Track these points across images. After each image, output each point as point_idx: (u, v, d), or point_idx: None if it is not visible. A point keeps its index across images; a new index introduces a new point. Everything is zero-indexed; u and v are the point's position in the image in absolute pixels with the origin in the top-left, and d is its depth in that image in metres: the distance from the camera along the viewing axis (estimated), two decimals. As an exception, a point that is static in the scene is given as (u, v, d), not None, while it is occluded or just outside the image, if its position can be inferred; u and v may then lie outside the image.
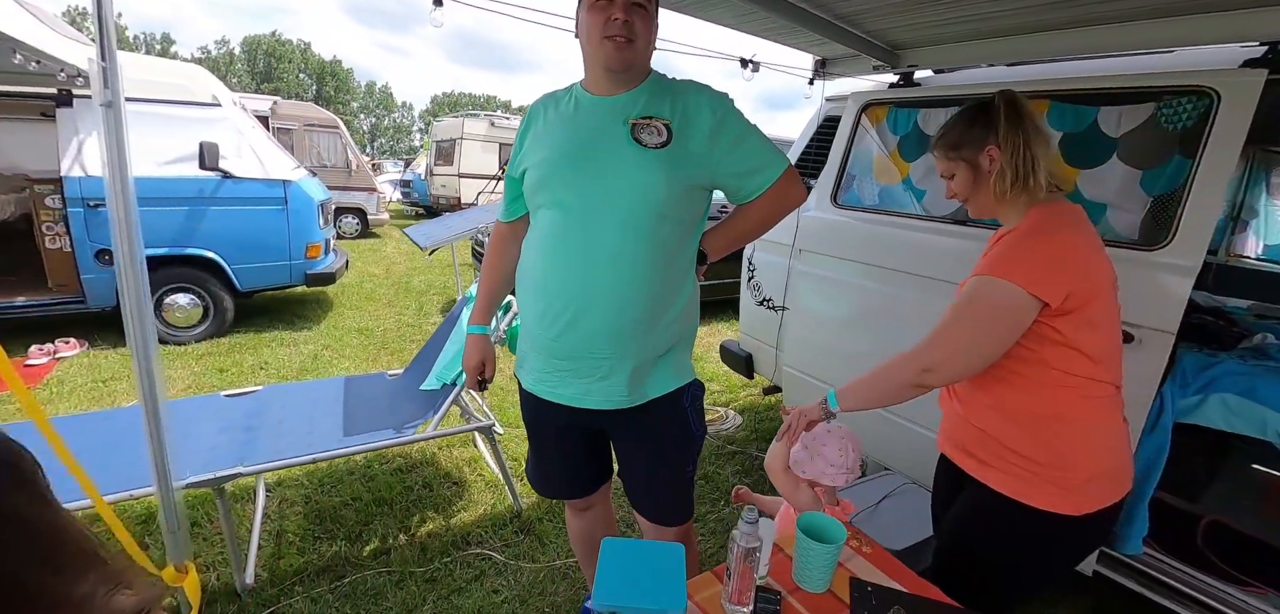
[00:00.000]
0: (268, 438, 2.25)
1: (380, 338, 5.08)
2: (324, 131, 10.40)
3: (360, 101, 60.91)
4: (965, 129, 1.25)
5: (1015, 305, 1.12)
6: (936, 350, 1.20)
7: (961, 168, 1.26)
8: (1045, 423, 1.17)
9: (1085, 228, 1.18)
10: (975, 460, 1.27)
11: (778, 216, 1.42)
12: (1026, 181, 1.17)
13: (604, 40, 1.24)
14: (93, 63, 1.56)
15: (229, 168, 4.64)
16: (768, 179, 1.34)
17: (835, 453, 1.30)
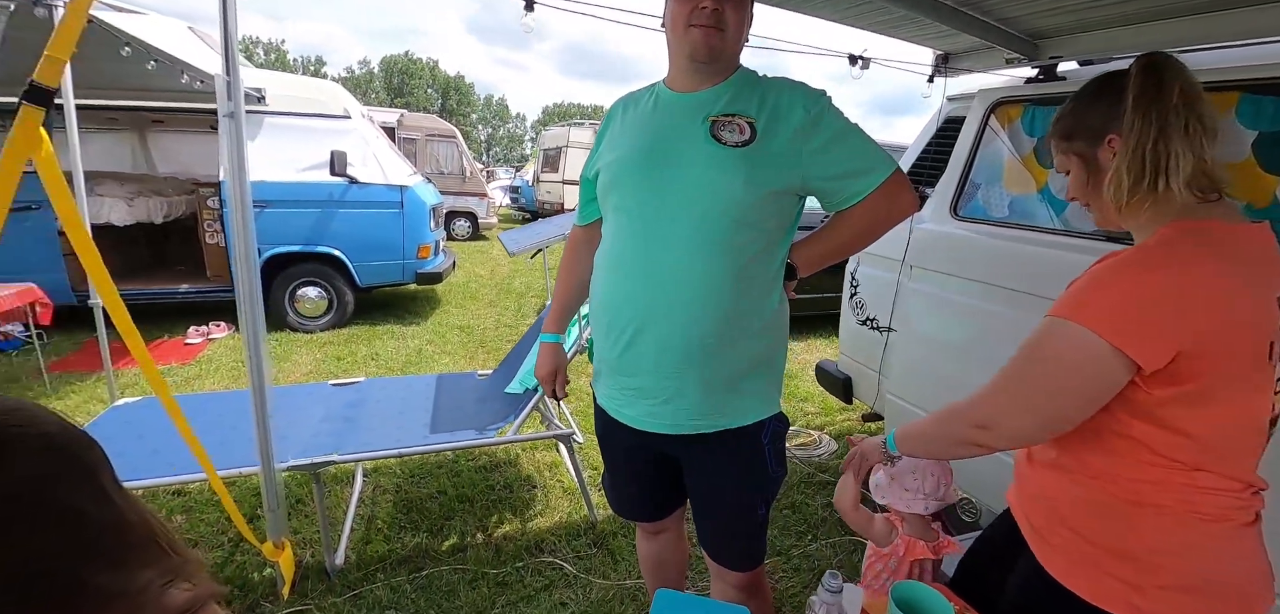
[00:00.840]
0: (363, 429, 2.36)
1: (479, 336, 5.30)
2: (443, 141, 11.17)
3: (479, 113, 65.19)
4: (1082, 111, 0.95)
5: (1093, 363, 0.81)
6: (992, 405, 0.94)
7: (1075, 164, 0.96)
8: (1123, 509, 0.88)
9: (1240, 260, 0.82)
10: (1032, 528, 1.00)
11: (881, 227, 1.23)
12: (1154, 185, 0.83)
13: (690, 29, 1.13)
14: (219, 78, 1.69)
15: (355, 174, 5.06)
16: (869, 184, 1.16)
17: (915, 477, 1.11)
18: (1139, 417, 0.84)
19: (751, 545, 1.35)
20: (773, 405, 1.28)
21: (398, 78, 56.67)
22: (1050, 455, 0.97)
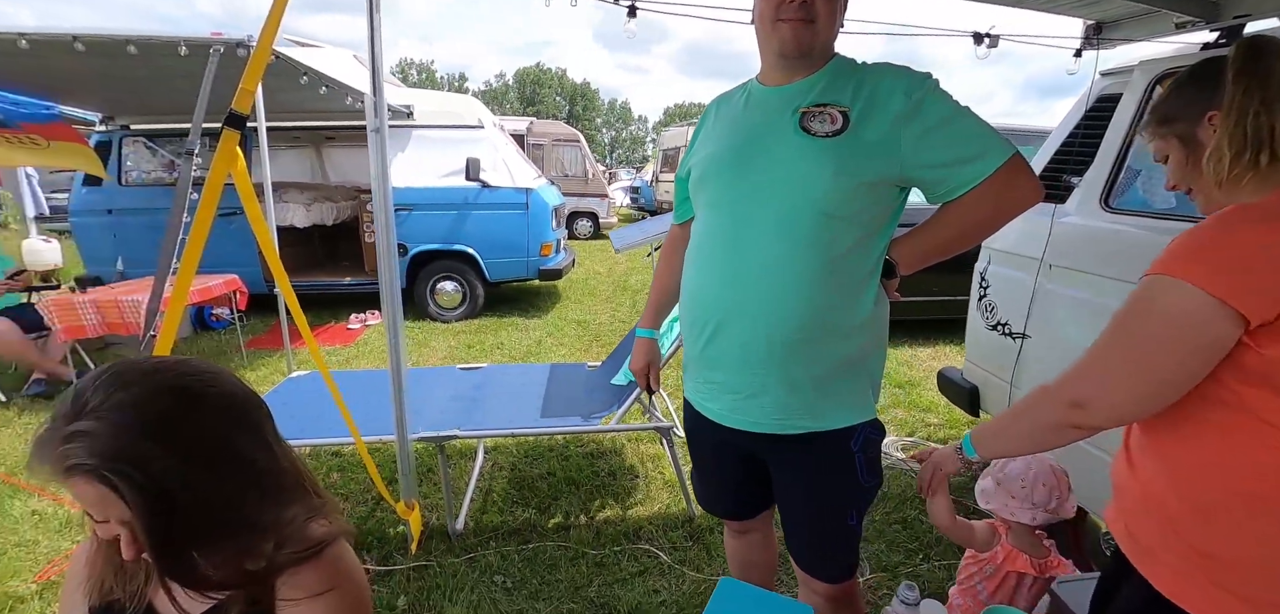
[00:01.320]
0: (484, 409, 2.59)
1: (595, 330, 5.53)
2: (567, 145, 11.76)
3: (603, 117, 67.54)
4: (1181, 94, 0.91)
5: (1193, 317, 0.75)
6: (1088, 380, 0.86)
7: (1174, 146, 0.91)
8: (1236, 503, 0.77)
9: None
10: (1137, 544, 0.87)
11: (995, 220, 1.13)
12: (1255, 159, 0.78)
13: (779, 23, 1.11)
14: (367, 98, 1.95)
15: (487, 178, 5.53)
16: (980, 171, 1.06)
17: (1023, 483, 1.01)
18: (1251, 382, 0.76)
19: (841, 555, 1.29)
20: (866, 411, 1.22)
21: (529, 88, 60.35)
22: (1152, 453, 0.87)
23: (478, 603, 2.03)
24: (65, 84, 4.45)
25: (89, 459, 0.62)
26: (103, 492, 0.63)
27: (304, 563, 0.78)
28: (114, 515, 0.65)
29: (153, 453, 0.65)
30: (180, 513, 0.66)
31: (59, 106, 4.50)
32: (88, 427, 0.63)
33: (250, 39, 3.15)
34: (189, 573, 0.71)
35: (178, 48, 3.29)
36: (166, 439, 0.66)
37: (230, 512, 0.73)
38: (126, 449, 0.63)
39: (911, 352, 4.79)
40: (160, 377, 0.70)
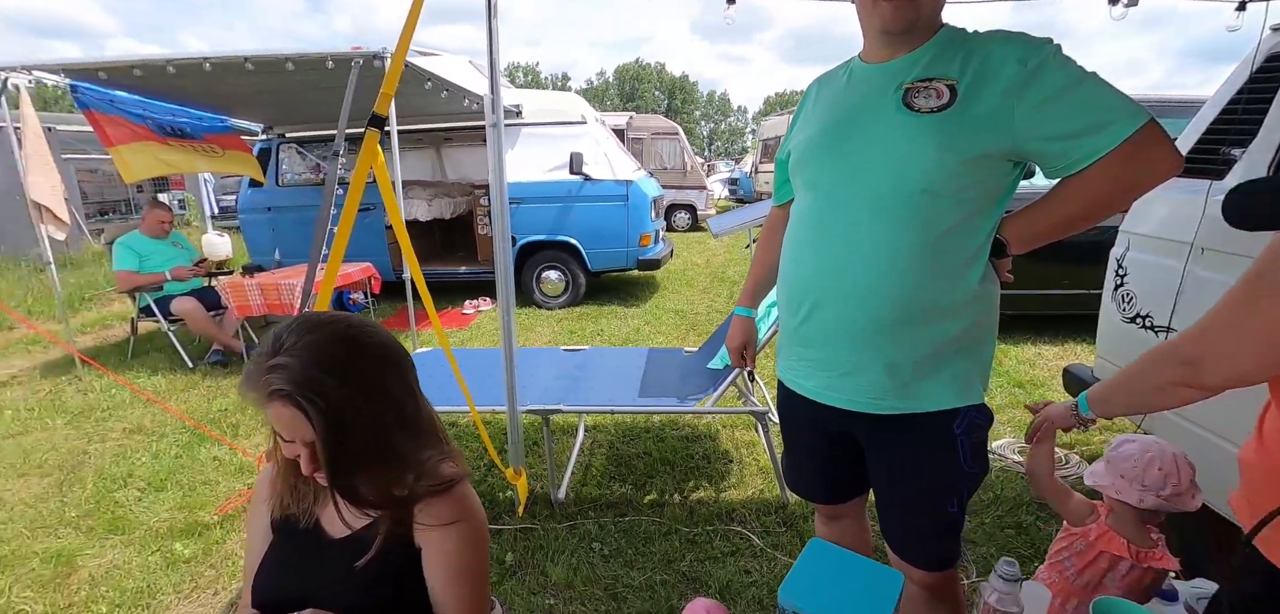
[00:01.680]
0: (585, 387, 2.74)
1: (691, 319, 5.60)
2: (666, 139, 11.86)
3: (702, 109, 67.12)
4: None
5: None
6: (1205, 338, 0.82)
7: None
8: None
9: None
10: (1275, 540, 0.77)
11: (1123, 195, 1.03)
12: None
13: (877, 4, 1.09)
14: (486, 97, 2.13)
15: (589, 172, 5.76)
16: (1105, 142, 0.97)
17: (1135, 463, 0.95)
18: None
19: (940, 543, 1.24)
20: (972, 394, 1.17)
21: (629, 84, 61.26)
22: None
23: (576, 566, 2.17)
24: (235, 100, 5.18)
25: (286, 385, 0.78)
26: (294, 413, 0.79)
27: (438, 495, 0.92)
28: (300, 436, 0.81)
29: (330, 384, 0.80)
30: (348, 435, 0.81)
31: (230, 119, 5.24)
32: (284, 361, 0.80)
33: (385, 51, 3.51)
34: (351, 490, 0.86)
35: (326, 63, 3.74)
36: (340, 373, 0.82)
37: (383, 441, 0.87)
38: (312, 379, 0.79)
39: (1036, 349, 4.41)
40: (335, 326, 0.87)
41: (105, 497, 2.83)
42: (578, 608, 2.00)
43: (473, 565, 0.93)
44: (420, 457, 0.94)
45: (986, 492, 2.58)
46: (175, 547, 2.43)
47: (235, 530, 2.54)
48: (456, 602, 0.91)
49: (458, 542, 0.92)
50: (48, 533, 2.58)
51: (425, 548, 0.91)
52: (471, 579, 0.93)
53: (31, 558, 2.40)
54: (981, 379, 1.20)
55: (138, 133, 4.28)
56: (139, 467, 3.10)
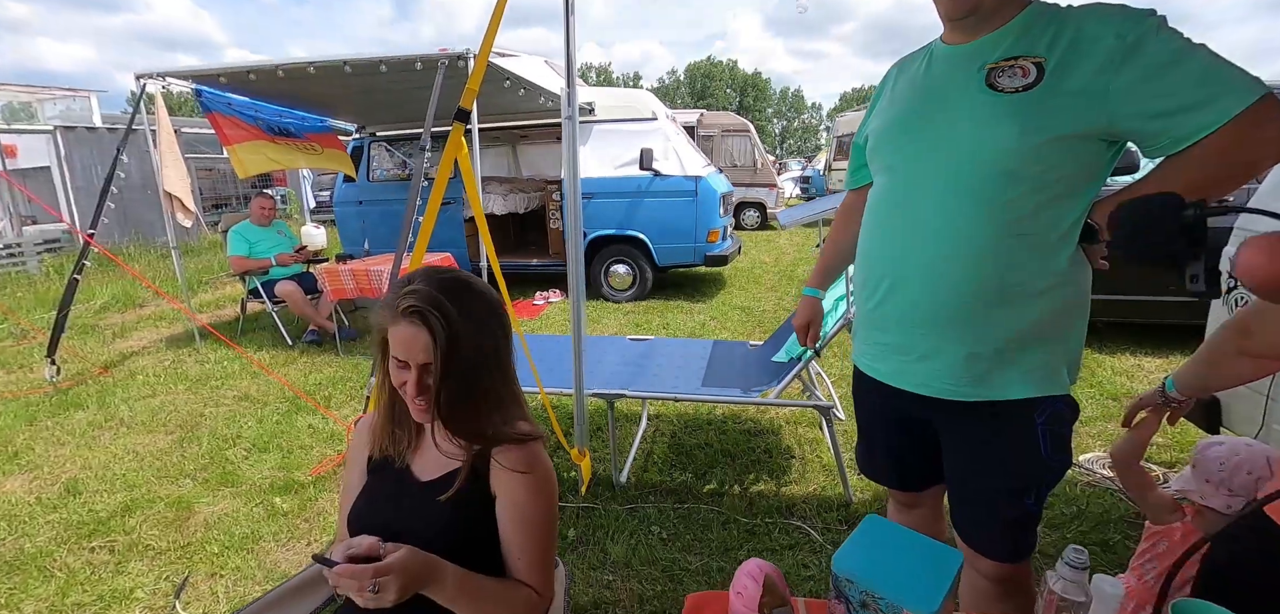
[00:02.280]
0: (649, 375, 2.80)
1: (758, 316, 5.55)
2: (736, 136, 11.76)
3: (774, 107, 65.82)
4: None
5: None
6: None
7: None
8: None
9: None
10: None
11: (1235, 176, 0.95)
12: None
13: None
14: (562, 91, 2.23)
15: (659, 167, 5.82)
16: (1213, 117, 0.90)
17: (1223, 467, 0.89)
18: None
19: (1014, 534, 1.20)
20: (1056, 384, 1.12)
21: (700, 82, 60.96)
22: None
23: (635, 546, 2.23)
24: (334, 102, 5.61)
25: (417, 303, 0.92)
26: (418, 330, 0.92)
27: (516, 446, 1.00)
28: (417, 356, 0.93)
29: (451, 310, 0.92)
30: (457, 358, 0.92)
31: (329, 120, 5.68)
32: (416, 288, 0.94)
33: (468, 52, 3.71)
34: (452, 416, 0.96)
35: (414, 64, 4.00)
36: (459, 304, 0.94)
37: (482, 374, 0.97)
38: (438, 301, 0.92)
39: (1135, 360, 4.07)
40: (457, 272, 1.01)
41: (218, 454, 3.16)
42: (635, 585, 2.06)
43: (541, 517, 1.01)
44: (506, 403, 1.04)
45: (1070, 505, 2.44)
46: (275, 500, 2.69)
47: (326, 491, 2.77)
48: (522, 548, 0.99)
49: (528, 492, 0.99)
50: (170, 482, 2.91)
51: (500, 494, 1.00)
52: (539, 529, 1.01)
53: (157, 502, 2.72)
54: (1068, 369, 1.14)
55: (251, 132, 4.72)
56: (246, 429, 3.44)
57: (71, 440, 3.42)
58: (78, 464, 3.13)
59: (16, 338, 5.68)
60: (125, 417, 3.73)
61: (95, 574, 2.27)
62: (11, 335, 5.77)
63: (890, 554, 0.86)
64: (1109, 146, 1.03)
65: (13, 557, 2.37)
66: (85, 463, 3.14)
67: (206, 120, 4.69)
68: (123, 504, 2.71)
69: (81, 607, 2.10)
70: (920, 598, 0.77)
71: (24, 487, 2.94)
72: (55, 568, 2.30)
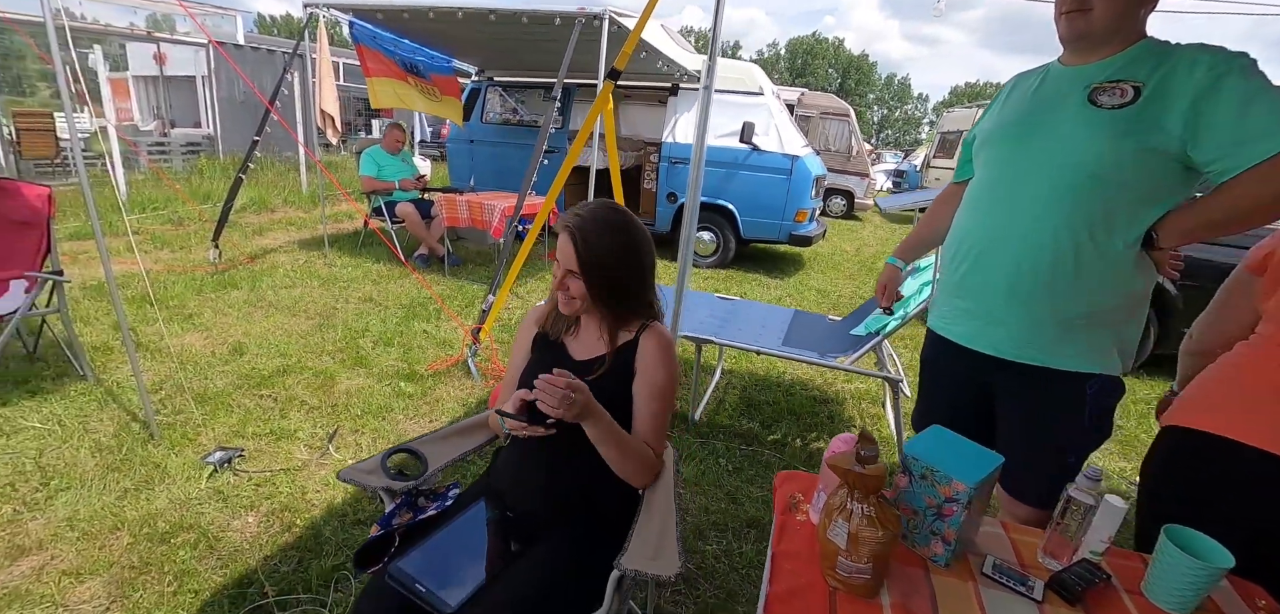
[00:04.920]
0: (732, 328, 3.05)
1: (834, 300, 5.64)
2: (835, 119, 11.53)
3: (877, 93, 62.69)
4: None
5: None
6: None
7: None
8: None
9: None
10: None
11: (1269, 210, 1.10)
12: None
13: (1058, 17, 1.24)
14: (704, 64, 2.44)
15: (758, 142, 5.93)
16: (1264, 149, 1.05)
17: None
18: None
19: (1050, 485, 1.28)
20: (1108, 364, 1.30)
21: (801, 58, 58.89)
22: None
23: (704, 471, 2.53)
24: (464, 44, 6.06)
25: (570, 223, 1.24)
26: (566, 242, 1.23)
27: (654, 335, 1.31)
28: (567, 262, 1.25)
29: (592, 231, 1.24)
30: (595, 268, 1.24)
31: (453, 61, 6.15)
32: (575, 212, 1.26)
33: (605, 11, 4.01)
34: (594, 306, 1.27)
35: (553, 19, 4.33)
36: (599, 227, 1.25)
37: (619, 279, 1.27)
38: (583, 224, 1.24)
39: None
40: (608, 202, 1.32)
41: (350, 342, 3.70)
42: (702, 501, 2.36)
43: (667, 392, 1.31)
44: (646, 297, 1.34)
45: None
46: (401, 384, 3.17)
47: (441, 383, 3.23)
48: (650, 416, 1.28)
49: (663, 371, 1.29)
50: (314, 356, 3.47)
51: (639, 370, 1.29)
52: (664, 402, 1.30)
53: (306, 370, 3.27)
54: (1123, 357, 1.32)
55: (388, 68, 5.24)
56: (372, 325, 3.98)
57: (232, 312, 4.09)
58: (240, 331, 3.76)
59: (175, 224, 6.62)
60: (272, 300, 4.38)
61: (266, 415, 2.81)
62: (170, 221, 6.73)
63: (947, 447, 1.10)
64: (1185, 169, 1.18)
65: (202, 391, 2.97)
66: (246, 331, 3.77)
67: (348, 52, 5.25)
68: (279, 367, 3.28)
69: (258, 436, 2.63)
70: (965, 474, 1.02)
71: (201, 343, 3.59)
72: (235, 406, 2.87)
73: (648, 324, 1.33)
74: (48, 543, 1.96)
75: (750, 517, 2.29)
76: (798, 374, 3.64)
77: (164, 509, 2.13)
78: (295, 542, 2.03)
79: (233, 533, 2.05)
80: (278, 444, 2.59)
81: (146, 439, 2.53)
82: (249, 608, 1.75)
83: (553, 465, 1.30)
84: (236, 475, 2.34)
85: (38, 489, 2.20)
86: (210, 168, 9.70)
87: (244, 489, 2.27)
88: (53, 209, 2.82)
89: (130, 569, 1.87)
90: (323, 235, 6.08)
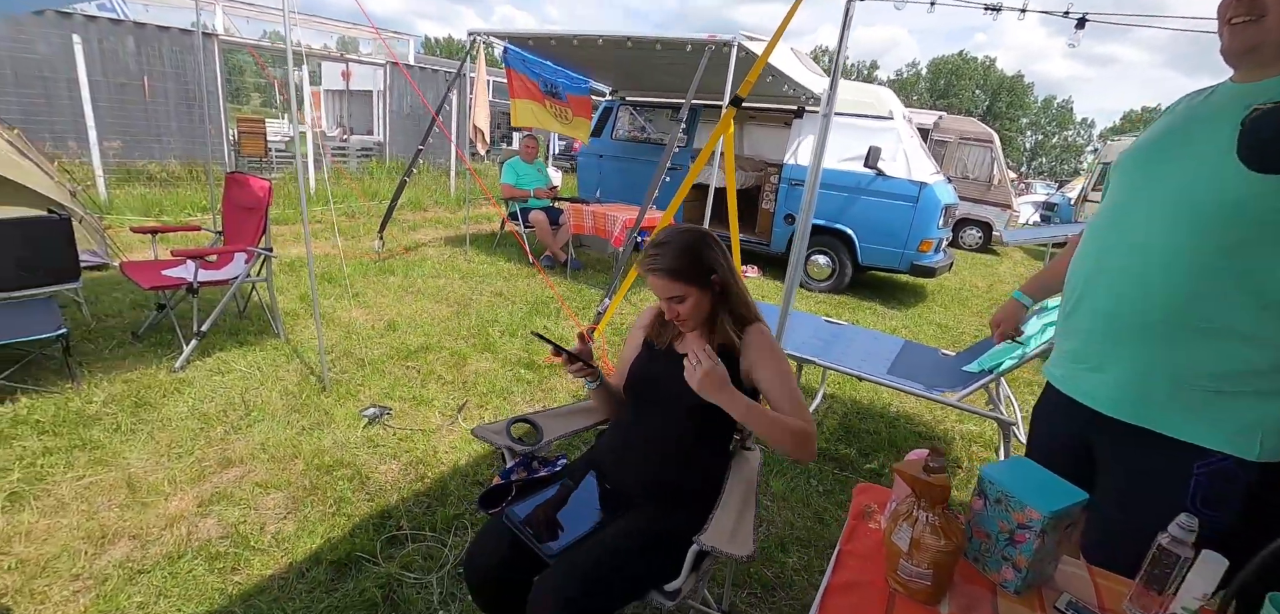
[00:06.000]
0: (837, 352, 3.05)
1: (955, 336, 5.32)
2: (976, 145, 10.74)
3: (1031, 117, 56.90)
4: None
5: None
6: None
7: None
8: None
9: None
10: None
11: None
12: None
13: (1222, 25, 1.07)
14: (824, 91, 2.53)
15: (884, 167, 5.77)
16: None
17: None
18: None
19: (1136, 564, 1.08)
20: (1239, 444, 1.07)
21: (944, 79, 55.00)
22: None
23: (794, 487, 2.57)
24: (601, 66, 6.51)
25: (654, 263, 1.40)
26: (658, 279, 1.39)
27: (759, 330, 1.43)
28: (664, 293, 1.41)
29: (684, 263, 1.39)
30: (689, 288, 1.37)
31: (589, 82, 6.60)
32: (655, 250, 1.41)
33: (734, 39, 4.20)
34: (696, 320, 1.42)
35: (685, 46, 4.59)
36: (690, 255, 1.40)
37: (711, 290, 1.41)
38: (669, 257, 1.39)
39: None
40: (689, 228, 1.46)
41: (482, 329, 4.14)
42: (788, 515, 2.41)
43: (788, 371, 1.43)
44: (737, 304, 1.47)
45: None
46: (521, 371, 3.52)
47: (556, 376, 3.53)
48: (788, 397, 1.39)
49: (776, 357, 1.42)
50: (450, 339, 3.93)
51: (757, 364, 1.42)
52: (790, 379, 1.42)
53: (443, 349, 3.73)
54: (1265, 434, 1.07)
55: (531, 91, 5.74)
56: (501, 317, 4.42)
57: (389, 294, 4.73)
58: (394, 311, 4.35)
59: (349, 216, 7.68)
60: (420, 287, 5.00)
61: (410, 383, 3.26)
62: (346, 214, 7.81)
63: (1028, 476, 1.08)
64: None
65: (363, 356, 3.50)
66: (398, 312, 4.35)
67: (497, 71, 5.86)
68: (422, 344, 3.77)
69: (403, 399, 3.07)
70: (1041, 502, 1.00)
71: (364, 317, 4.20)
72: (386, 372, 3.35)
73: (748, 324, 1.45)
74: (247, 459, 2.46)
75: (835, 538, 2.30)
76: (904, 407, 3.52)
77: (329, 447, 2.57)
78: (426, 489, 2.37)
79: (379, 475, 2.43)
80: (417, 408, 3.00)
81: (320, 390, 3.05)
82: (387, 536, 2.09)
83: (649, 449, 1.47)
84: (384, 429, 2.77)
85: (242, 417, 2.75)
86: (379, 170, 11.11)
87: (389, 441, 2.68)
88: (271, 198, 3.49)
89: (303, 490, 2.31)
90: (465, 234, 6.78)
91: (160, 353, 3.29)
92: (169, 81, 9.01)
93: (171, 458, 2.42)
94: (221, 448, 2.51)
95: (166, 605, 1.77)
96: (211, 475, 2.35)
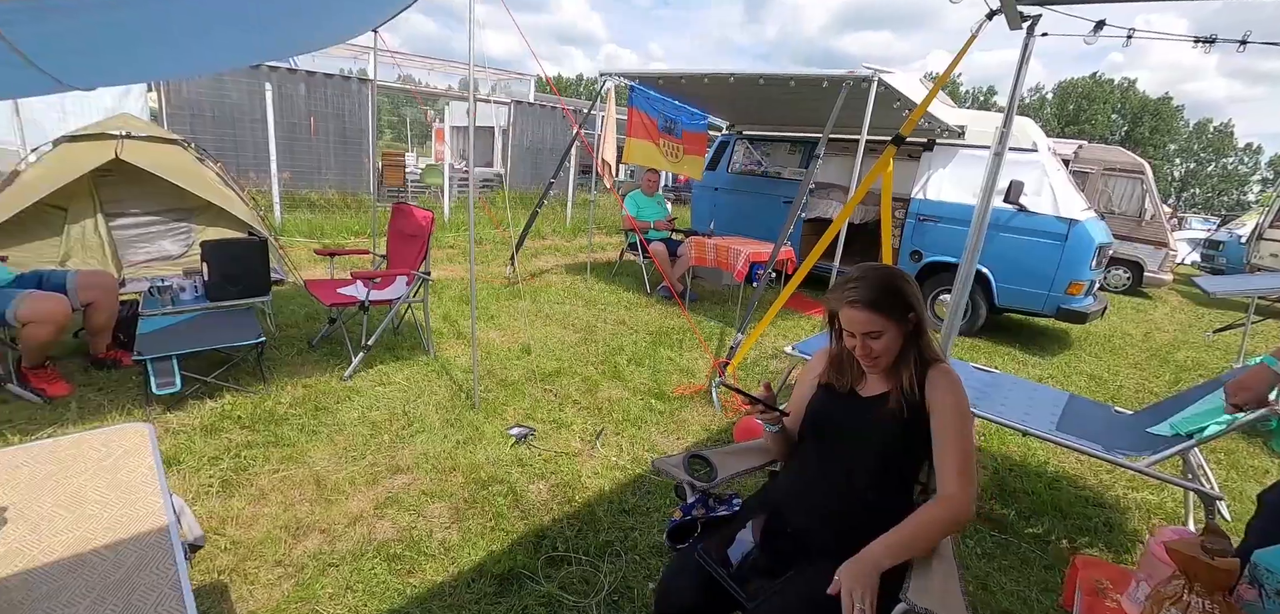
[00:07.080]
0: (992, 402, 2.85)
1: (1112, 390, 4.79)
2: (1124, 176, 9.74)
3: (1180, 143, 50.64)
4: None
5: None
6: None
7: None
8: None
9: None
10: None
11: None
12: None
13: None
14: (996, 127, 2.44)
15: (1027, 203, 5.37)
16: None
17: None
18: None
19: None
20: None
21: (1074, 103, 50.36)
22: None
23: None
24: (720, 103, 6.60)
25: (857, 294, 1.40)
26: (856, 312, 1.39)
27: (943, 372, 1.40)
28: (860, 328, 1.39)
29: (880, 295, 1.38)
30: (885, 325, 1.37)
31: (707, 119, 6.70)
32: (856, 282, 1.42)
33: (874, 74, 4.13)
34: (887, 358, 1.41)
35: (820, 82, 4.57)
36: (888, 293, 1.39)
37: (908, 332, 1.39)
38: (872, 291, 1.39)
39: None
40: (885, 267, 1.45)
41: (608, 356, 4.28)
42: (951, 577, 2.27)
43: (965, 417, 1.38)
44: (926, 343, 1.44)
45: None
46: (652, 401, 3.59)
47: (685, 406, 3.58)
48: (954, 448, 1.34)
49: (955, 403, 1.37)
50: (581, 365, 4.09)
51: (935, 408, 1.38)
52: (962, 428, 1.36)
53: (576, 375, 3.89)
54: None
55: (647, 131, 5.92)
56: (625, 345, 4.55)
57: (520, 318, 5.01)
58: (526, 335, 4.60)
59: (478, 242, 8.25)
60: (548, 312, 5.26)
61: (548, 406, 3.43)
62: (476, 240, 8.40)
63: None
64: None
65: (504, 377, 3.72)
66: (531, 335, 4.59)
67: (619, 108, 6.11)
68: (556, 369, 3.95)
69: (544, 421, 3.23)
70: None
71: (500, 339, 4.48)
72: (526, 393, 3.55)
73: (931, 364, 1.42)
74: (412, 467, 2.69)
75: (1003, 608, 2.14)
76: (1064, 466, 3.22)
77: (482, 463, 2.76)
78: (575, 513, 2.47)
79: (530, 494, 2.57)
80: (558, 431, 3.15)
81: (469, 406, 3.28)
82: (545, 555, 2.20)
83: (830, 492, 1.46)
84: (530, 449, 2.92)
85: (404, 427, 3.02)
86: (499, 200, 11.89)
87: (536, 461, 2.82)
88: (432, 227, 3.84)
89: (463, 501, 2.48)
90: (585, 262, 7.07)
91: (331, 362, 3.70)
92: (329, 121, 10.24)
93: (349, 460, 2.70)
94: (390, 455, 2.77)
95: (353, 600, 1.95)
96: (383, 479, 2.59)
